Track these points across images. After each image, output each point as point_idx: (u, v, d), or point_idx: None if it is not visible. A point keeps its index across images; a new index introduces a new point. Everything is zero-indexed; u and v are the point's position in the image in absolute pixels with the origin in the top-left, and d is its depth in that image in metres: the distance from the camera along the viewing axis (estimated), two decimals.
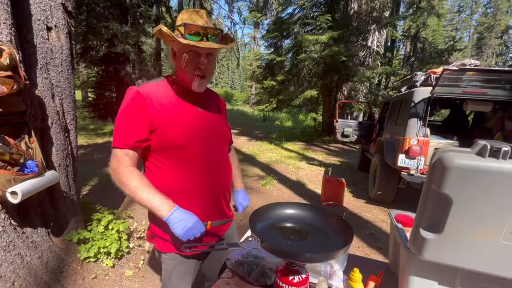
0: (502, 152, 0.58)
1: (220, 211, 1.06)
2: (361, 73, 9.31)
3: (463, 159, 0.61)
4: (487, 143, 0.61)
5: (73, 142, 2.05)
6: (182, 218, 0.85)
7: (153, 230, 1.02)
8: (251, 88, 28.50)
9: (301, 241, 0.81)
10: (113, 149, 0.90)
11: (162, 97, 0.92)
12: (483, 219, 0.63)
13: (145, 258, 2.21)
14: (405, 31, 16.38)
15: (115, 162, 0.89)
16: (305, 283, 0.81)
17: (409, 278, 0.84)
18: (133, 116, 0.88)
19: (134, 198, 0.86)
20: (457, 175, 0.62)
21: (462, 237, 0.66)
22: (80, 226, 2.03)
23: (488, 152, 0.60)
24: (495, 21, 35.31)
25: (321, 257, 0.71)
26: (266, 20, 12.89)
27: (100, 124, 10.04)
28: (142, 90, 0.89)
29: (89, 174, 4.27)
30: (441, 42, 26.33)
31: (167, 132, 0.90)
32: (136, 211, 3.06)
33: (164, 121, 0.90)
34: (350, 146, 9.34)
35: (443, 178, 0.64)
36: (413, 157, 3.26)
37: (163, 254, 1.02)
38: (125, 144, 0.88)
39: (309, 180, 4.98)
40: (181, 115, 0.93)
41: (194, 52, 0.89)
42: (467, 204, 0.63)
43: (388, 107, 4.83)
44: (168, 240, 0.98)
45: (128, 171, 0.88)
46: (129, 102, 0.89)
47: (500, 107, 3.64)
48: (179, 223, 0.83)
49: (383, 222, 3.34)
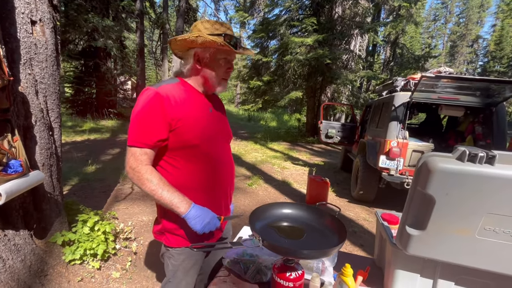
0: (479, 157, 0.66)
1: (226, 206, 1.13)
2: (344, 76, 9.60)
3: (446, 163, 0.69)
4: (466, 149, 0.68)
5: (57, 141, 1.98)
6: (200, 214, 0.91)
7: (165, 225, 1.04)
8: (236, 88, 28.42)
9: (298, 239, 0.86)
10: (129, 147, 0.91)
11: (179, 98, 0.95)
12: (462, 217, 0.71)
13: (132, 260, 2.18)
14: (386, 37, 17.07)
15: (133, 161, 0.90)
16: (301, 278, 0.86)
17: (394, 271, 0.91)
18: (154, 115, 0.89)
19: (154, 196, 0.90)
20: (440, 178, 0.69)
21: (443, 233, 0.74)
22: (65, 228, 1.96)
23: (467, 157, 0.68)
24: (466, 30, 37.64)
25: (319, 254, 0.76)
26: (252, 20, 12.93)
27: (78, 121, 9.62)
28: (160, 91, 0.92)
29: (69, 174, 4.10)
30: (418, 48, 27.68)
31: (185, 132, 0.94)
32: (120, 212, 2.99)
33: (182, 121, 0.93)
34: (333, 147, 9.60)
35: (428, 180, 0.71)
36: (393, 158, 3.44)
37: (171, 249, 1.05)
38: (145, 143, 0.90)
39: (294, 179, 5.08)
40: (197, 115, 0.98)
41: (226, 59, 1.00)
42: (448, 203, 0.70)
43: (370, 110, 5.04)
44: (180, 235, 1.02)
45: (148, 170, 0.90)
46: (148, 102, 0.90)
47: (470, 112, 3.92)
48: (197, 219, 0.89)
49: (365, 221, 3.49)
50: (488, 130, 3.54)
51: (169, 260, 1.07)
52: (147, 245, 2.44)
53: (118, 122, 10.68)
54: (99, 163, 5.00)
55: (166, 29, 12.24)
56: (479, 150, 0.67)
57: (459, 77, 3.19)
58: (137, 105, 0.92)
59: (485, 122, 3.63)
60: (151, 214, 3.03)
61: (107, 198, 3.39)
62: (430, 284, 0.87)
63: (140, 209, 3.13)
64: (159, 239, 1.08)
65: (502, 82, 3.11)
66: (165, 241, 1.05)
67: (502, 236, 0.68)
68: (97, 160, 5.16)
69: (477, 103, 3.48)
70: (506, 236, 0.68)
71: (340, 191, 4.65)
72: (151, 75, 30.82)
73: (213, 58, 0.98)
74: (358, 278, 1.00)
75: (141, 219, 2.87)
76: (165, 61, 12.37)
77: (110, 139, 7.79)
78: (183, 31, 11.28)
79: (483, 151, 0.67)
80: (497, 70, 32.71)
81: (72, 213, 2.17)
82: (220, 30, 0.95)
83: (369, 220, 3.50)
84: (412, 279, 0.89)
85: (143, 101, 0.91)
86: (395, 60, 16.38)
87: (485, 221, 0.69)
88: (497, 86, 3.21)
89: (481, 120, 3.71)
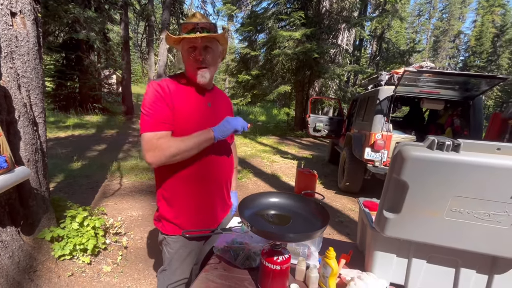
0: (446, 145, 0.73)
1: (222, 199, 1.16)
2: (331, 70, 9.72)
3: (417, 151, 0.75)
4: (435, 138, 0.75)
5: (42, 136, 1.94)
6: (221, 125, 0.99)
7: (161, 212, 1.07)
8: (224, 82, 28.15)
9: (285, 225, 0.91)
10: (143, 135, 0.94)
11: (177, 91, 1.00)
12: (432, 200, 0.78)
13: (123, 254, 2.19)
14: (372, 32, 17.33)
15: (149, 144, 0.93)
16: (287, 262, 0.91)
17: (374, 253, 0.98)
18: (160, 103, 0.95)
19: (182, 149, 0.93)
20: (412, 165, 0.75)
21: (415, 215, 0.81)
22: (53, 224, 1.94)
23: (435, 146, 0.74)
24: (449, 25, 38.69)
25: (303, 237, 0.82)
26: (240, 13, 12.78)
27: (61, 117, 9.32)
28: (161, 83, 0.98)
29: (54, 170, 4.01)
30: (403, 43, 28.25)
31: (180, 124, 0.98)
32: (109, 207, 2.97)
33: (179, 113, 0.98)
34: (321, 140, 9.77)
35: (402, 167, 0.77)
36: (377, 150, 3.56)
37: (167, 237, 1.08)
38: (157, 127, 0.94)
39: (283, 173, 5.17)
40: (192, 109, 1.02)
41: (192, 47, 1.00)
42: (419, 188, 0.77)
43: (356, 103, 5.16)
44: (176, 223, 1.05)
45: (163, 140, 0.93)
46: (152, 93, 0.96)
47: (450, 106, 4.10)
48: (226, 125, 0.98)
49: (351, 211, 3.62)
50: (466, 122, 3.72)
51: (166, 247, 1.10)
52: (137, 239, 2.45)
53: (104, 118, 10.41)
54: (85, 159, 4.90)
55: (151, 21, 11.92)
56: (446, 139, 0.74)
57: (439, 72, 3.33)
58: (146, 97, 0.98)
59: (463, 115, 3.81)
60: (140, 209, 3.02)
61: (95, 194, 3.35)
62: (405, 263, 0.95)
63: (129, 205, 3.12)
64: (157, 225, 1.11)
65: (479, 77, 3.27)
66: (161, 228, 1.09)
67: (466, 216, 0.76)
68: (82, 156, 5.05)
69: (456, 96, 3.65)
70: (470, 216, 0.76)
71: (327, 183, 4.78)
72: (137, 69, 30.01)
73: (184, 51, 1.03)
74: (341, 261, 1.07)
75: (131, 214, 2.87)
76: (151, 54, 12.08)
77: (95, 134, 7.60)
78: (169, 24, 11.02)
79: (450, 139, 0.74)
80: (477, 65, 33.96)
81: (60, 209, 2.15)
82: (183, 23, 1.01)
83: (355, 210, 3.64)
84: (389, 260, 0.96)
85: (150, 92, 0.97)
86: (381, 55, 16.69)
87: (452, 203, 0.76)
88: (474, 80, 3.37)
89: (460, 113, 3.89)
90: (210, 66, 1.04)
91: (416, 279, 0.95)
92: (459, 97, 3.64)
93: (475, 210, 0.75)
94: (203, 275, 0.98)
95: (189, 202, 1.07)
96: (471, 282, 0.89)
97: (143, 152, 0.95)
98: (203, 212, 1.10)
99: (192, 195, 1.06)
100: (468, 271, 0.89)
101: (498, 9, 34.96)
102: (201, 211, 1.10)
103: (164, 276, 1.13)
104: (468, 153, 0.72)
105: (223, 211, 1.20)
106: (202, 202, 1.09)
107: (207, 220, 1.11)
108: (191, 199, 1.07)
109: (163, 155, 0.92)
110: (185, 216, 1.07)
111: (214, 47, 1.03)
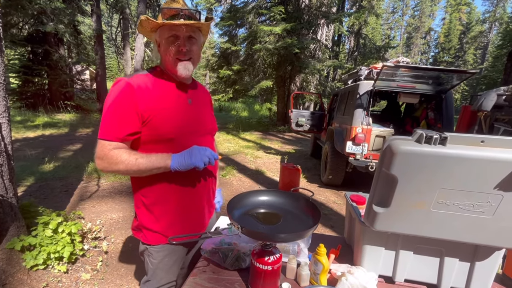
0: (434, 139, 0.74)
1: (208, 202, 1.09)
2: (312, 65, 9.83)
3: (406, 145, 0.75)
4: (423, 132, 0.75)
5: (7, 138, 1.78)
6: (183, 154, 0.86)
7: (141, 221, 0.99)
8: (205, 77, 27.64)
9: (275, 224, 0.89)
10: (99, 140, 0.86)
11: (153, 89, 0.90)
12: (419, 193, 0.79)
13: (104, 259, 2.08)
14: (350, 27, 17.69)
15: (101, 151, 0.85)
16: (278, 261, 0.90)
17: (363, 247, 0.99)
18: (124, 108, 0.85)
19: (132, 169, 0.85)
20: (401, 159, 0.76)
21: (404, 208, 0.82)
22: (22, 232, 1.79)
23: (424, 139, 0.75)
24: (420, 22, 40.51)
25: (295, 236, 0.80)
26: (219, 6, 12.53)
27: (29, 115, 8.70)
28: (132, 82, 0.87)
29: (23, 173, 3.73)
30: (379, 39, 29.20)
31: (159, 125, 0.90)
32: (86, 211, 2.81)
33: (155, 112, 0.88)
34: (303, 135, 9.90)
35: (391, 162, 0.77)
36: (358, 143, 3.66)
37: (149, 247, 1.00)
38: (114, 136, 0.85)
39: (267, 168, 5.18)
40: (172, 107, 0.93)
41: (174, 36, 0.90)
42: (408, 181, 0.78)
43: (336, 98, 5.26)
44: (158, 231, 0.97)
45: (115, 151, 0.85)
46: (119, 93, 0.85)
47: (424, 99, 4.29)
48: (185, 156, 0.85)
49: (334, 203, 3.70)
50: (439, 115, 3.92)
51: (148, 258, 1.02)
52: (119, 243, 2.34)
53: (77, 115, 9.85)
54: (58, 160, 4.60)
55: (126, 13, 11.36)
56: (434, 132, 0.75)
57: (415, 67, 3.46)
58: (108, 96, 0.87)
59: (436, 108, 4.00)
60: (121, 211, 2.90)
61: (70, 197, 3.16)
62: (393, 255, 0.97)
63: (108, 207, 2.98)
64: (137, 236, 1.02)
65: (451, 71, 3.43)
66: (142, 238, 1.00)
67: (452, 208, 0.78)
68: (55, 157, 4.74)
69: (430, 90, 3.82)
70: (455, 208, 0.78)
71: (311, 177, 4.85)
72: (112, 64, 28.65)
73: (163, 39, 0.91)
74: (331, 256, 1.07)
75: (111, 217, 2.74)
76: (127, 48, 11.55)
77: (68, 134, 7.17)
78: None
79: (438, 133, 0.75)
80: (446, 60, 35.96)
81: (30, 216, 1.99)
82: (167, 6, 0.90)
83: (338, 202, 3.72)
84: (378, 253, 0.98)
85: (114, 93, 0.86)
86: (358, 50, 17.13)
87: (439, 195, 0.77)
88: (446, 75, 3.54)
89: (433, 106, 4.08)
90: (194, 58, 0.95)
91: (403, 269, 0.97)
92: (432, 91, 3.81)
93: (460, 201, 0.77)
94: (191, 280, 0.93)
95: (172, 208, 0.99)
96: (454, 270, 0.93)
97: (95, 155, 0.87)
98: (188, 217, 1.03)
99: (175, 199, 0.98)
100: (452, 260, 0.92)
101: (464, 7, 37.11)
102: (186, 216, 1.02)
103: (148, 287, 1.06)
104: (454, 146, 0.73)
105: (210, 213, 1.14)
106: (187, 207, 1.01)
107: (194, 226, 1.04)
108: (174, 204, 0.99)
109: (110, 168, 0.85)
110: (168, 223, 0.99)
111: (198, 38, 0.95)
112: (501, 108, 3.15)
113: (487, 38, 35.72)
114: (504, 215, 0.76)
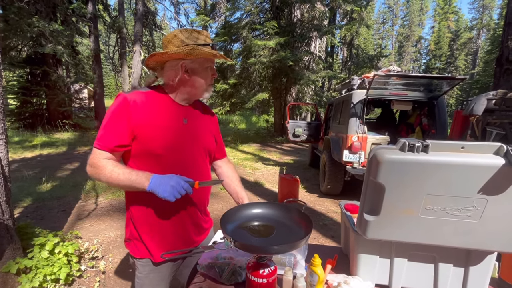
0: (416, 147, 0.76)
1: (195, 223, 1.09)
2: (306, 76, 10.02)
3: (390, 154, 0.78)
4: (406, 140, 0.78)
5: (4, 160, 1.79)
6: (161, 181, 0.87)
7: (131, 232, 1.01)
8: None
9: (268, 236, 0.90)
10: (93, 148, 0.93)
11: (148, 105, 0.95)
12: (407, 200, 0.80)
13: (101, 279, 2.05)
14: (342, 39, 18.14)
15: (92, 158, 0.91)
16: (273, 274, 0.90)
17: (357, 256, 1.00)
18: (117, 120, 0.91)
19: (113, 182, 0.88)
20: (387, 167, 0.78)
21: (393, 216, 0.83)
22: (18, 255, 1.77)
23: (407, 148, 0.77)
24: (410, 31, 41.59)
25: (287, 247, 0.81)
26: (214, 23, 12.88)
27: (27, 136, 8.72)
28: (129, 96, 0.93)
29: (20, 194, 3.71)
30: (371, 49, 29.88)
31: (148, 140, 0.94)
32: (84, 230, 2.79)
33: (145, 128, 0.93)
34: (301, 145, 9.94)
35: (377, 170, 0.80)
36: (355, 152, 3.69)
37: (136, 260, 1.01)
38: (105, 146, 0.91)
39: (266, 180, 5.18)
40: (164, 125, 0.97)
41: (211, 66, 1.03)
42: (394, 189, 0.80)
43: (332, 108, 5.33)
44: (145, 245, 0.99)
45: (104, 161, 0.90)
46: (115, 107, 0.92)
47: (417, 106, 4.36)
48: (162, 187, 0.86)
49: (334, 213, 3.68)
50: (432, 121, 3.97)
51: (136, 272, 1.04)
52: (116, 262, 2.31)
53: (76, 134, 9.88)
54: (56, 179, 4.59)
55: (123, 33, 11.63)
56: (416, 140, 0.78)
57: (405, 75, 3.54)
58: (108, 109, 0.94)
59: (429, 114, 4.07)
60: (119, 229, 2.87)
61: (68, 217, 3.14)
62: (388, 263, 0.97)
63: (106, 225, 2.95)
64: (127, 247, 1.05)
65: (441, 78, 3.52)
66: (131, 249, 1.03)
67: (439, 213, 0.80)
68: (52, 176, 4.73)
69: (421, 97, 3.90)
70: (442, 213, 0.79)
71: (310, 187, 4.84)
72: (110, 82, 29.00)
73: (202, 67, 1.01)
74: (327, 266, 1.07)
75: (108, 235, 2.71)
76: (125, 67, 11.74)
77: (66, 152, 7.18)
78: (142, 35, 10.83)
79: (419, 141, 0.77)
80: (438, 67, 36.70)
81: (27, 238, 1.98)
82: (201, 39, 0.98)
83: (338, 212, 3.71)
84: (373, 261, 0.98)
85: (112, 106, 0.93)
86: (352, 60, 17.51)
87: (426, 201, 0.79)
88: (437, 81, 3.63)
89: (427, 113, 4.15)
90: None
91: (399, 277, 0.97)
92: (424, 98, 3.89)
93: (447, 206, 0.78)
94: None
95: (156, 224, 1.01)
96: (449, 276, 0.93)
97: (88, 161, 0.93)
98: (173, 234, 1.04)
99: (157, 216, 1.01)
100: (446, 266, 0.92)
101: (452, 16, 38.27)
102: (170, 232, 1.04)
103: None
104: (436, 153, 0.76)
105: (199, 235, 1.13)
106: (170, 224, 1.03)
107: (179, 243, 1.05)
108: (157, 221, 1.01)
109: (97, 175, 0.90)
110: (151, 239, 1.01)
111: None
112: (492, 112, 3.21)
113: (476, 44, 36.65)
114: (490, 218, 0.77)
